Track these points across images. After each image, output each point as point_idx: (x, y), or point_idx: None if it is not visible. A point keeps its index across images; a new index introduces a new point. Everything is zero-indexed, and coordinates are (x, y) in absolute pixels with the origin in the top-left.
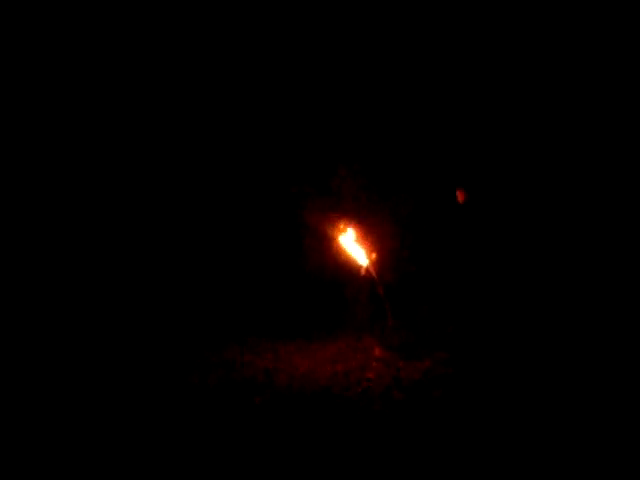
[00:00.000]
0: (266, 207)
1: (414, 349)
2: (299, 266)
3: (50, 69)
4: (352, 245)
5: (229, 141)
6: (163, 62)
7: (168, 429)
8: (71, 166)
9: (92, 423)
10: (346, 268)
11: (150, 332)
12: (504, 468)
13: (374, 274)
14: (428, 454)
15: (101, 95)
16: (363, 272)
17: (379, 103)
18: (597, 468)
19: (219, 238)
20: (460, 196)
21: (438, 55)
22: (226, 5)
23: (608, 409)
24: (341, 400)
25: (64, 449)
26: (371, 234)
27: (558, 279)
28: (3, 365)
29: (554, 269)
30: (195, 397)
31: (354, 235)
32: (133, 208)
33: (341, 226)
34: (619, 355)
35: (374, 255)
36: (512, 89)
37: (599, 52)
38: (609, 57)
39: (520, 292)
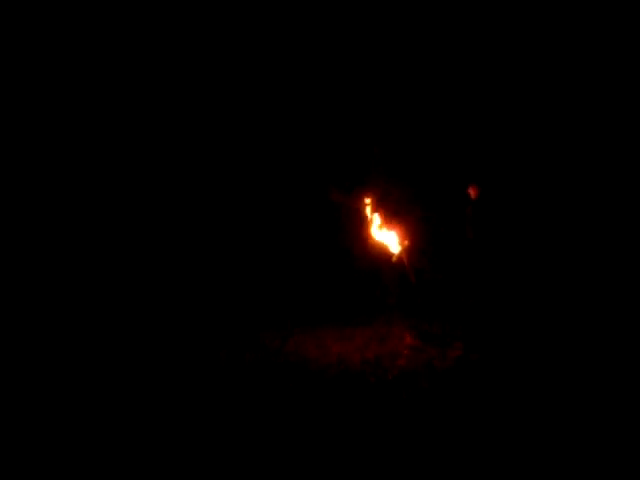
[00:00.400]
0: (306, 199)
1: (445, 337)
2: (334, 255)
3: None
4: (385, 234)
5: (271, 130)
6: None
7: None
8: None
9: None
10: (379, 256)
11: (185, 319)
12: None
13: (406, 262)
14: (459, 441)
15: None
16: (395, 260)
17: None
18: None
19: (261, 230)
20: (473, 192)
21: (464, 58)
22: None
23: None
24: (372, 386)
25: (100, 425)
26: (403, 224)
27: (572, 271)
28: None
29: (568, 262)
30: (232, 381)
31: (387, 224)
32: (177, 198)
33: (375, 216)
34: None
35: (406, 243)
36: (527, 88)
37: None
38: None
39: (537, 283)
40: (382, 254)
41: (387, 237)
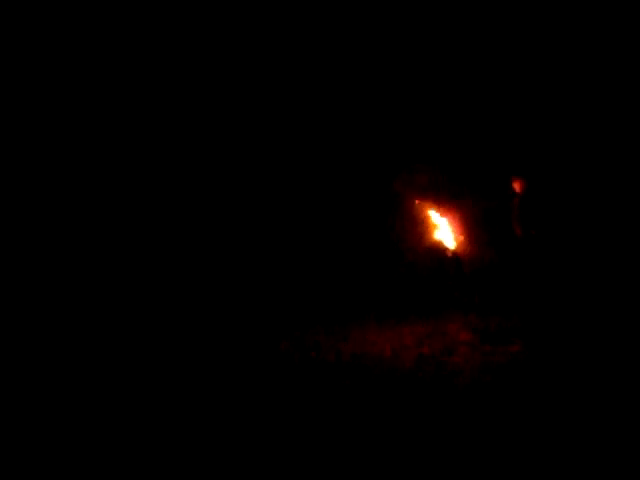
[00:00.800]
0: (362, 195)
1: (501, 333)
2: (389, 251)
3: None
4: (440, 229)
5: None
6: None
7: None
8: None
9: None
10: (434, 252)
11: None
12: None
13: (461, 257)
14: (517, 439)
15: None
16: (450, 255)
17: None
18: None
19: (317, 227)
20: (518, 186)
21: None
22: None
23: None
24: (427, 383)
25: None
26: (458, 219)
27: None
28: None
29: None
30: (281, 378)
31: (442, 220)
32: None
33: (430, 212)
34: None
35: (461, 238)
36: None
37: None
38: None
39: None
40: (438, 249)
41: (443, 232)
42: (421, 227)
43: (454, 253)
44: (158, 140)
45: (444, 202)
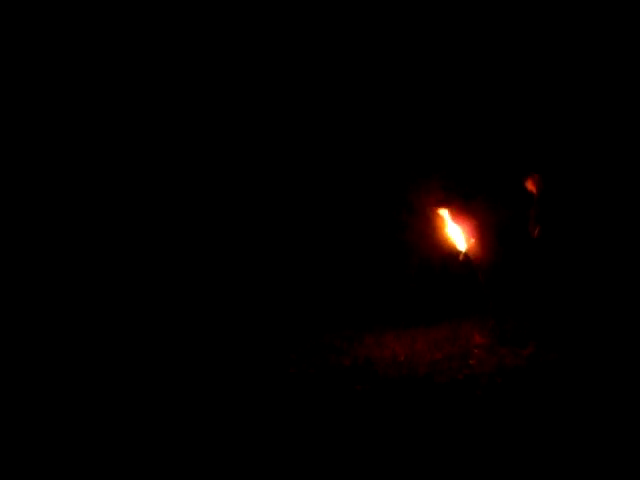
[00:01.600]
0: (376, 200)
1: (515, 335)
2: (403, 256)
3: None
4: (452, 231)
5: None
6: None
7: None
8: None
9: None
10: (448, 257)
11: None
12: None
13: (473, 260)
14: (532, 442)
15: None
16: (462, 258)
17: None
18: None
19: (326, 230)
20: (532, 187)
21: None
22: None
23: None
24: (442, 388)
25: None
26: (472, 224)
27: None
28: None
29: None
30: (296, 383)
31: (456, 225)
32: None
33: (444, 217)
34: None
35: (473, 241)
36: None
37: None
38: None
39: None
40: (452, 254)
41: (454, 235)
42: (435, 232)
43: (468, 257)
44: (159, 140)
45: (458, 207)
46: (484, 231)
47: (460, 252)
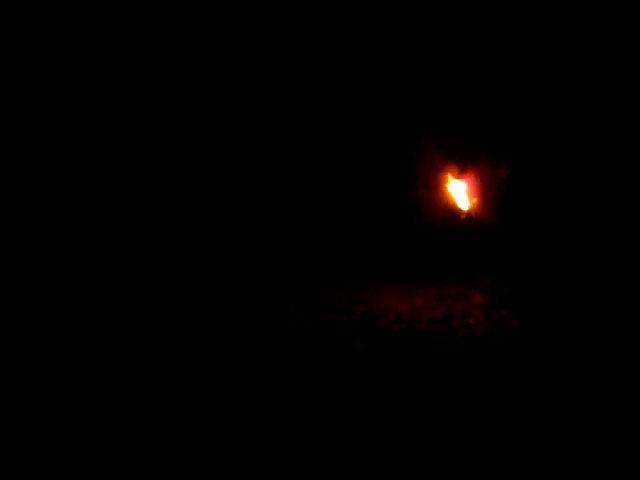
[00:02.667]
0: (378, 155)
1: (514, 297)
2: (405, 212)
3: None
4: (455, 191)
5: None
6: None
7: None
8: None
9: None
10: (450, 215)
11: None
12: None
13: (475, 220)
14: (528, 403)
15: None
16: (464, 217)
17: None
18: None
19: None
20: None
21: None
22: None
23: None
24: (441, 345)
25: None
26: (472, 181)
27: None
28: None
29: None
30: (301, 337)
31: (458, 182)
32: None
33: (446, 173)
34: None
35: (475, 200)
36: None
37: None
38: None
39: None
40: (453, 211)
41: (457, 193)
42: (437, 191)
43: (468, 215)
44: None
45: (462, 165)
46: (486, 190)
47: (463, 212)
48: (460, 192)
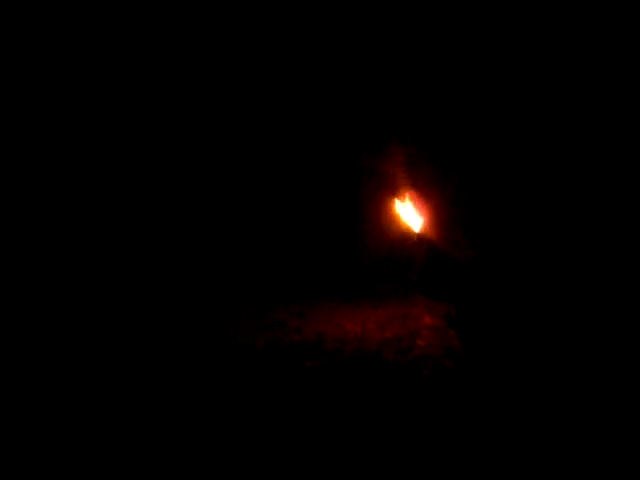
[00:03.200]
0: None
1: (463, 318)
2: (353, 232)
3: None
4: (406, 211)
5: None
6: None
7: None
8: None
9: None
10: (399, 235)
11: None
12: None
13: (426, 241)
14: (478, 422)
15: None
16: (415, 239)
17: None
18: None
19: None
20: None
21: None
22: None
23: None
24: (391, 366)
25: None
26: (424, 202)
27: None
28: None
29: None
30: (244, 359)
31: (408, 202)
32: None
33: (397, 193)
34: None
35: (426, 221)
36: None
37: None
38: None
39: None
40: (405, 232)
41: (409, 214)
42: (388, 209)
43: (419, 237)
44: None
45: (410, 183)
46: (434, 208)
47: (414, 233)
48: (407, 211)
